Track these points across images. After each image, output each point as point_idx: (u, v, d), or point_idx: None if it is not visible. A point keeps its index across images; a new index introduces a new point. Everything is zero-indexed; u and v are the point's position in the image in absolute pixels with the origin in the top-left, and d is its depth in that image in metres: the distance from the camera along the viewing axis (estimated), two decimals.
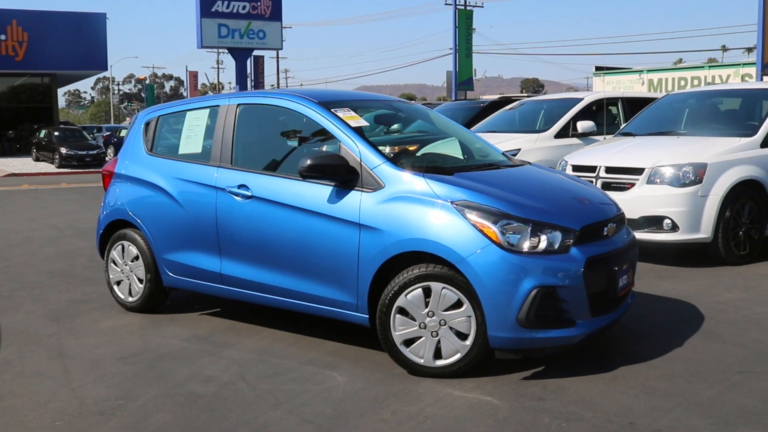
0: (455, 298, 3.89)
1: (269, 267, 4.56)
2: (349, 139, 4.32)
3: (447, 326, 3.92)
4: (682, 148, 7.12)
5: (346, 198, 4.20)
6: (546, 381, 3.89)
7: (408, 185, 4.06)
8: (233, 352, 4.51)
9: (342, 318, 4.32)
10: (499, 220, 3.82)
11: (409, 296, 3.96)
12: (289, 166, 4.60)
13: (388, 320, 4.02)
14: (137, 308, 5.42)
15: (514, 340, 3.80)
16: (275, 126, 4.95)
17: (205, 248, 4.91)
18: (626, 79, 29.06)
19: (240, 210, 4.67)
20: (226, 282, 4.84)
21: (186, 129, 5.22)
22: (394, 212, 4.02)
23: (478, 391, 3.78)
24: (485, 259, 3.76)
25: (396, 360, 4.06)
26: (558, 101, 11.30)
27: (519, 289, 3.74)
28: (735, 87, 8.77)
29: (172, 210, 5.06)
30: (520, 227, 3.82)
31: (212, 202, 4.82)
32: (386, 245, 4.01)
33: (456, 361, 3.93)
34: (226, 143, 4.88)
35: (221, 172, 4.82)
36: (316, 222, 4.30)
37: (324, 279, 4.30)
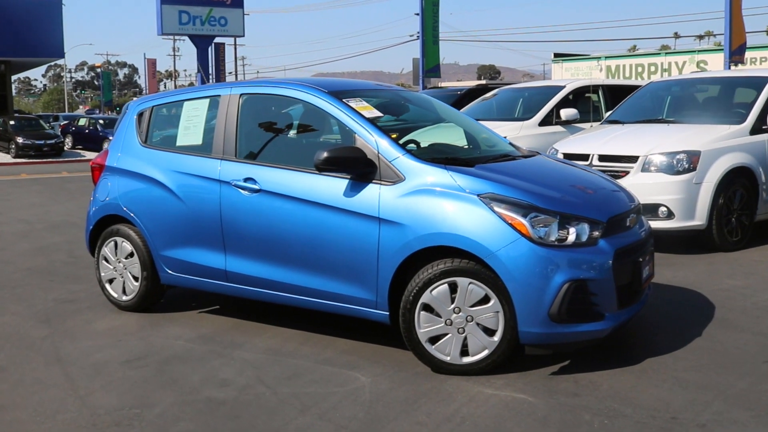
0: (482, 294, 3.76)
1: (279, 263, 4.37)
2: (365, 130, 4.15)
3: (474, 322, 3.80)
4: (674, 136, 7.12)
5: (364, 191, 4.04)
6: (576, 376, 3.80)
7: (430, 178, 3.91)
8: (244, 352, 4.31)
9: (359, 315, 4.16)
10: (529, 212, 3.70)
11: (435, 292, 3.82)
12: (300, 159, 4.41)
13: (413, 317, 3.87)
14: (132, 307, 5.17)
15: (545, 336, 3.70)
16: (282, 117, 4.75)
17: (208, 244, 4.69)
18: (585, 66, 29.30)
19: (247, 204, 4.46)
20: (231, 279, 4.63)
21: (184, 120, 4.97)
22: (416, 206, 3.87)
23: (509, 388, 3.67)
24: (515, 253, 3.65)
25: (420, 358, 3.92)
26: (537, 89, 11.26)
27: (550, 284, 3.64)
28: (718, 75, 8.82)
29: (171, 204, 4.82)
30: (548, 220, 3.72)
31: (216, 197, 4.60)
32: (409, 240, 3.86)
33: (484, 357, 3.82)
34: (229, 135, 4.65)
35: (225, 165, 4.60)
36: (331, 216, 4.12)
37: (340, 275, 4.14)
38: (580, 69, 29.42)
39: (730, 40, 14.54)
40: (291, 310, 4.87)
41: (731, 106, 7.87)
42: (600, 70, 27.96)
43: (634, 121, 8.14)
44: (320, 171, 4.07)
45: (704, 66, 24.49)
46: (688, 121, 7.64)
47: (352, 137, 4.19)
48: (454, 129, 5.08)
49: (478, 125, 5.18)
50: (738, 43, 14.56)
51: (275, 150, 4.62)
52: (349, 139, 4.24)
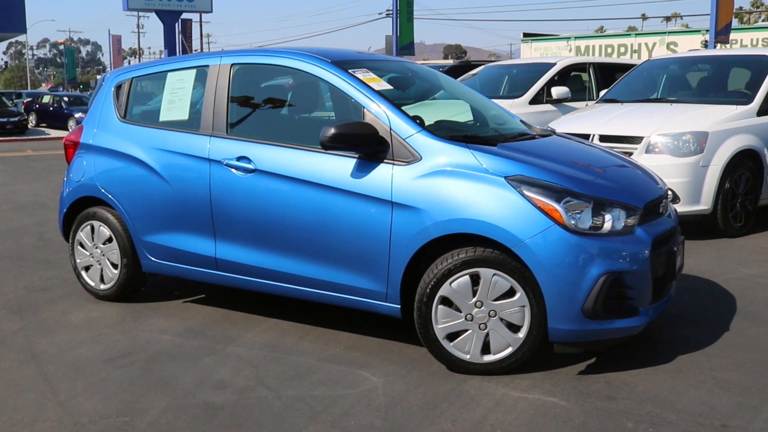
0: (507, 286, 3.42)
1: (277, 250, 3.98)
2: (375, 104, 3.75)
3: (497, 317, 3.46)
4: (680, 116, 6.83)
5: (374, 172, 3.65)
6: (606, 376, 3.49)
7: (450, 158, 3.54)
8: (238, 348, 3.92)
9: (367, 308, 3.80)
10: (563, 197, 3.36)
11: (455, 284, 3.47)
12: (300, 136, 4.00)
13: (429, 312, 3.52)
14: (111, 296, 4.74)
15: (577, 333, 3.38)
16: (280, 89, 4.32)
17: (195, 229, 4.27)
18: (554, 46, 29.10)
19: (240, 186, 4.05)
20: (222, 267, 4.23)
21: (168, 92, 4.51)
22: (435, 189, 3.49)
23: (536, 390, 3.35)
24: (548, 242, 3.30)
25: (436, 356, 3.57)
26: (526, 66, 10.92)
27: (585, 276, 3.31)
28: (719, 54, 8.56)
29: (154, 185, 4.38)
30: (582, 205, 3.38)
31: (205, 177, 4.17)
32: (426, 226, 3.49)
33: (507, 356, 3.49)
34: (219, 109, 4.22)
35: (215, 143, 4.17)
36: (337, 199, 3.73)
37: (345, 264, 3.76)
38: (549, 49, 29.19)
39: (716, 19, 14.35)
40: (284, 300, 4.49)
41: (735, 86, 7.61)
42: (569, 51, 27.77)
43: (634, 101, 7.85)
44: (326, 149, 3.67)
45: (674, 48, 24.36)
46: (691, 101, 7.37)
47: (360, 112, 3.79)
48: (459, 104, 4.72)
49: (486, 101, 4.81)
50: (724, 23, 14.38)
51: (272, 126, 4.21)
52: (355, 114, 3.84)
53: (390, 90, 3.94)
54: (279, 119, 4.27)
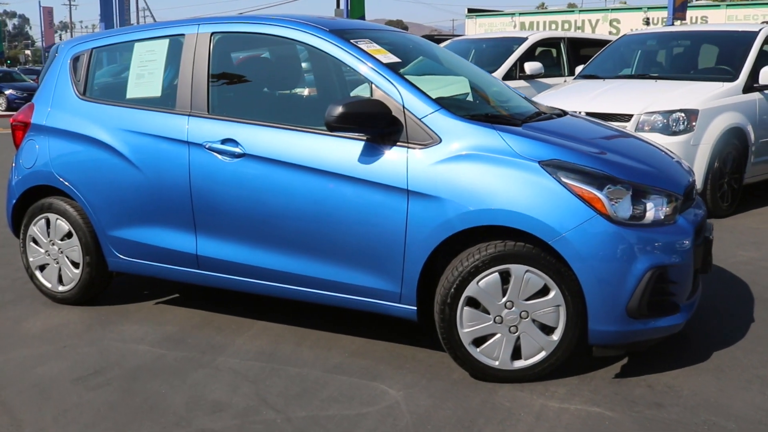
0: (541, 284, 3.05)
1: (270, 247, 3.50)
2: (385, 79, 3.30)
3: (529, 319, 3.09)
4: (668, 93, 6.58)
5: (386, 156, 3.21)
6: (645, 378, 3.17)
7: (474, 140, 3.12)
8: (229, 359, 3.45)
9: (376, 310, 3.37)
10: (604, 184, 2.99)
11: (483, 283, 3.08)
12: (297, 115, 3.53)
13: (454, 315, 3.12)
14: (71, 300, 4.18)
15: (620, 334, 3.03)
16: (271, 62, 3.81)
17: (172, 222, 3.75)
18: (498, 22, 28.97)
19: (226, 172, 3.55)
20: (204, 265, 3.73)
21: (136, 66, 3.94)
22: (459, 175, 3.08)
23: (576, 399, 3.00)
24: (590, 234, 2.93)
25: (461, 363, 3.18)
26: (495, 41, 10.58)
27: (631, 272, 2.96)
28: (698, 29, 8.37)
29: (123, 172, 3.83)
30: (622, 193, 3.02)
31: (183, 162, 3.65)
32: (449, 218, 3.08)
33: (540, 361, 3.13)
34: (199, 85, 3.69)
35: (195, 123, 3.65)
36: (342, 188, 3.28)
37: (352, 261, 3.32)
38: (494, 25, 29.02)
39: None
40: (269, 300, 4.02)
41: (717, 62, 7.42)
42: (514, 26, 27.69)
43: (615, 76, 7.60)
44: (332, 130, 3.20)
45: (617, 25, 24.46)
46: (675, 78, 7.15)
47: (368, 88, 3.34)
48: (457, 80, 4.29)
49: (488, 77, 4.39)
50: (681, 0, 14.33)
51: (262, 104, 3.71)
52: (362, 91, 3.38)
53: (400, 62, 3.49)
54: (271, 96, 3.77)
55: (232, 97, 3.73)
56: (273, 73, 3.85)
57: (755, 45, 7.00)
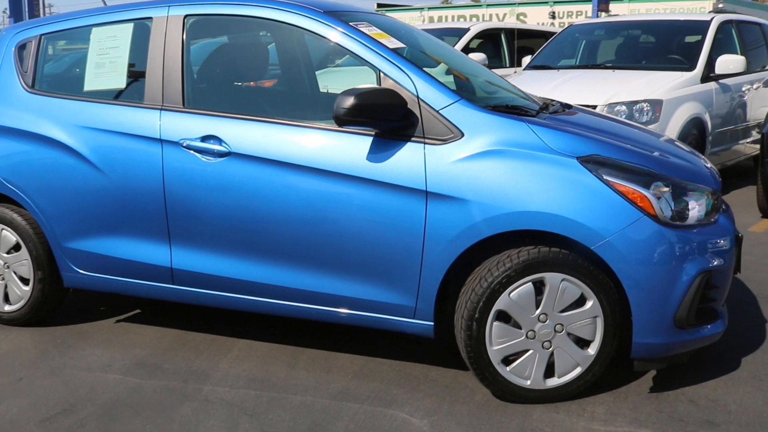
0: (578, 294, 2.77)
1: (260, 258, 3.08)
2: (395, 67, 2.93)
3: (564, 332, 2.81)
4: (630, 84, 6.48)
5: (400, 154, 2.84)
6: (683, 392, 2.95)
7: (502, 135, 2.79)
8: (218, 388, 3.01)
9: (386, 327, 3.01)
10: (651, 181, 2.73)
11: (515, 295, 2.77)
12: (293, 108, 3.11)
13: (482, 331, 2.80)
14: (19, 320, 3.62)
15: (667, 347, 2.79)
16: (257, 49, 3.36)
17: (142, 232, 3.26)
18: (407, 17, 29.00)
19: (208, 174, 3.09)
20: (180, 280, 3.26)
21: (94, 54, 3.40)
22: (487, 174, 2.74)
23: (620, 420, 2.74)
24: (637, 237, 2.67)
25: (489, 383, 2.86)
26: (435, 32, 10.31)
27: (681, 278, 2.72)
28: (644, 19, 8.37)
29: (82, 176, 3.30)
30: (666, 191, 2.76)
31: (156, 163, 3.17)
32: (475, 222, 2.74)
33: (575, 378, 2.85)
34: (171, 75, 3.20)
35: (169, 118, 3.16)
36: (349, 190, 2.89)
37: (359, 273, 2.94)
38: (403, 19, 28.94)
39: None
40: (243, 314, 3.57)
41: (671, 52, 7.40)
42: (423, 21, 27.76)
43: (568, 67, 7.47)
44: (342, 124, 2.81)
45: (524, 18, 24.78)
46: (631, 68, 7.07)
47: (376, 76, 2.96)
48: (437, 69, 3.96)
49: (474, 64, 4.08)
50: None
51: (249, 96, 3.27)
52: (367, 80, 2.99)
53: (405, 48, 3.13)
54: (258, 88, 3.33)
55: (212, 88, 3.28)
56: (259, 60, 3.40)
57: (709, 34, 7.01)
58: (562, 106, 3.50)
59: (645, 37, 7.73)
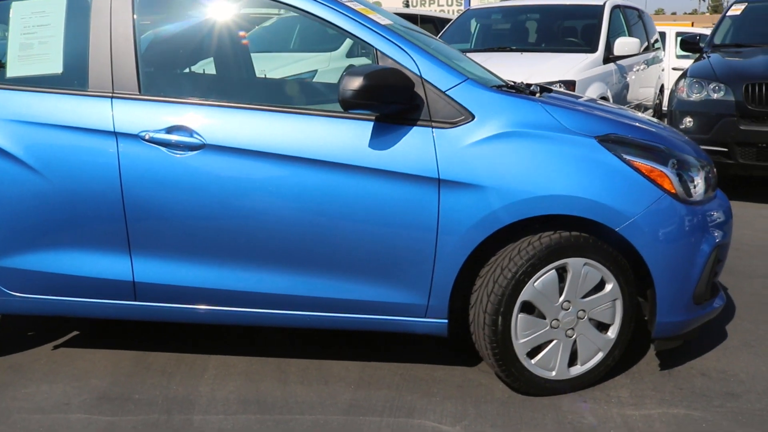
0: (598, 277, 2.67)
1: (244, 264, 2.71)
2: (394, 45, 2.66)
3: (586, 318, 2.70)
4: (541, 65, 6.55)
5: (407, 139, 2.59)
6: (692, 366, 2.96)
7: (517, 115, 2.61)
8: (210, 417, 2.62)
9: (394, 329, 2.75)
10: (668, 159, 2.67)
11: (539, 284, 2.61)
12: (278, 92, 2.76)
13: (508, 324, 2.62)
14: None
15: (685, 324, 2.76)
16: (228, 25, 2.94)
17: (94, 242, 2.77)
18: None
19: (178, 171, 2.66)
20: (144, 295, 2.81)
21: (17, 33, 2.83)
22: (503, 158, 2.55)
23: (648, 402, 2.67)
24: (660, 217, 2.59)
25: (513, 379, 2.69)
26: None
27: (699, 254, 2.68)
28: (541, 3, 8.49)
29: (11, 179, 2.74)
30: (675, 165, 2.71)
31: (109, 160, 2.69)
32: (494, 210, 2.55)
33: (597, 364, 2.76)
34: (122, 56, 2.73)
35: (123, 108, 2.70)
36: (349, 182, 2.60)
37: (363, 273, 2.66)
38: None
39: None
40: (197, 325, 3.21)
41: (569, 35, 7.60)
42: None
43: (473, 50, 7.47)
44: (348, 108, 2.50)
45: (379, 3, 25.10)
46: (535, 50, 7.18)
47: (372, 56, 2.68)
48: None
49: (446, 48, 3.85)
50: None
51: (223, 79, 2.86)
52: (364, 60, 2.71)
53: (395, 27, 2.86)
54: (233, 69, 2.92)
55: (175, 70, 2.84)
56: (232, 38, 2.99)
57: (605, 17, 7.25)
58: (541, 89, 3.38)
59: (543, 21, 7.88)
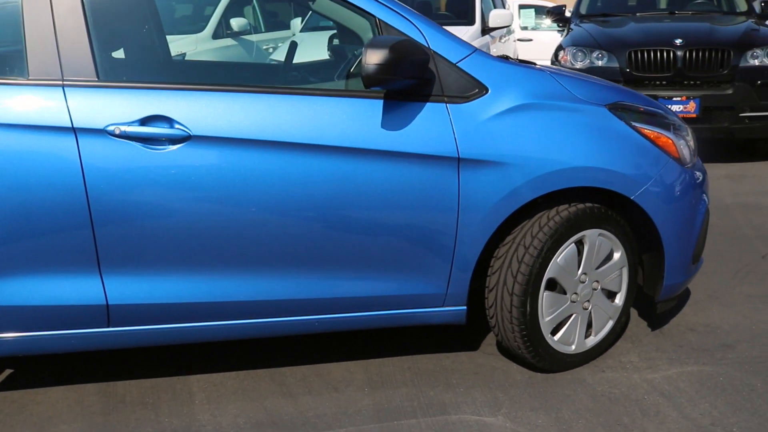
0: (609, 247, 2.66)
1: (243, 270, 2.38)
2: (398, 16, 2.45)
3: (599, 289, 2.69)
4: None
5: (421, 117, 2.39)
6: (677, 324, 3.08)
7: (530, 86, 2.51)
8: None
9: (411, 322, 2.58)
10: (669, 125, 2.70)
11: (561, 259, 2.55)
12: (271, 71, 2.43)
13: (535, 304, 2.54)
14: None
15: (683, 284, 2.84)
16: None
17: (52, 263, 2.30)
18: None
19: (158, 169, 2.26)
20: (119, 320, 2.38)
21: None
22: (523, 131, 2.44)
23: (661, 364, 2.73)
24: (668, 182, 2.63)
25: (539, 359, 2.62)
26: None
27: (698, 216, 2.77)
28: None
29: None
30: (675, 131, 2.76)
31: (68, 162, 2.22)
32: (516, 187, 2.44)
33: (608, 332, 2.78)
34: (70, 35, 2.25)
35: (80, 98, 2.24)
36: (363, 167, 2.36)
37: (379, 266, 2.45)
38: None
39: None
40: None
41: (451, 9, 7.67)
42: None
43: None
44: (371, 85, 2.25)
45: None
46: None
47: (373, 27, 2.43)
48: None
49: None
50: None
51: (203, 58, 2.46)
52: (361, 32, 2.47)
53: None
54: (219, 46, 2.52)
55: (141, 52, 2.40)
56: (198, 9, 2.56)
57: None
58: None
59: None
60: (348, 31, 2.84)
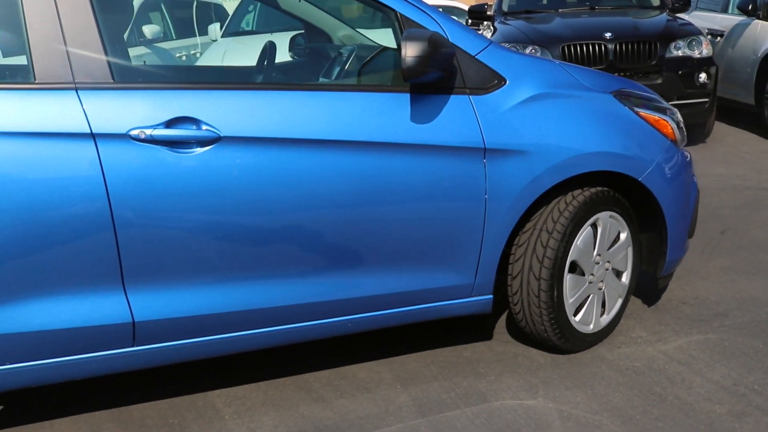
0: (617, 229, 2.77)
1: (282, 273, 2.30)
2: (419, 10, 2.45)
3: (611, 269, 2.79)
4: None
5: (447, 109, 2.40)
6: (669, 298, 3.23)
7: (543, 76, 2.57)
8: None
9: (439, 315, 2.58)
10: (665, 109, 2.84)
11: (580, 242, 2.63)
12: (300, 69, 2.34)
13: (561, 288, 2.60)
14: None
15: (681, 259, 2.99)
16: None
17: (72, 281, 2.12)
18: None
19: (186, 173, 2.14)
20: (145, 338, 2.24)
21: None
22: (542, 120, 2.50)
23: (669, 336, 2.87)
24: (668, 163, 2.76)
25: (565, 340, 2.68)
26: None
27: (692, 195, 2.94)
28: None
29: None
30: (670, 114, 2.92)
31: (88, 170, 2.07)
32: (538, 175, 2.49)
33: (619, 310, 2.89)
34: (80, 36, 2.10)
35: (97, 101, 2.08)
36: (393, 162, 2.33)
37: (411, 261, 2.44)
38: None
39: None
40: None
41: None
42: None
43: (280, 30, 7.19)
44: (410, 78, 2.23)
45: None
46: None
47: (393, 21, 2.41)
48: None
49: None
50: None
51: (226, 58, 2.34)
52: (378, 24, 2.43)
53: None
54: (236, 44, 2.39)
55: (158, 51, 2.26)
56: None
57: None
58: None
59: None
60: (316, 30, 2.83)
